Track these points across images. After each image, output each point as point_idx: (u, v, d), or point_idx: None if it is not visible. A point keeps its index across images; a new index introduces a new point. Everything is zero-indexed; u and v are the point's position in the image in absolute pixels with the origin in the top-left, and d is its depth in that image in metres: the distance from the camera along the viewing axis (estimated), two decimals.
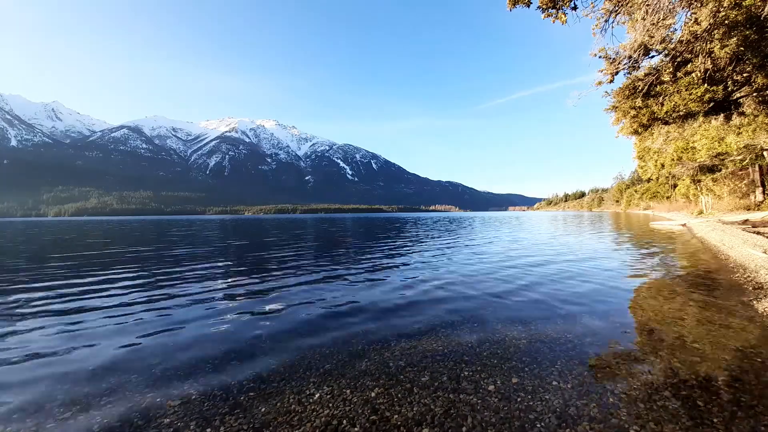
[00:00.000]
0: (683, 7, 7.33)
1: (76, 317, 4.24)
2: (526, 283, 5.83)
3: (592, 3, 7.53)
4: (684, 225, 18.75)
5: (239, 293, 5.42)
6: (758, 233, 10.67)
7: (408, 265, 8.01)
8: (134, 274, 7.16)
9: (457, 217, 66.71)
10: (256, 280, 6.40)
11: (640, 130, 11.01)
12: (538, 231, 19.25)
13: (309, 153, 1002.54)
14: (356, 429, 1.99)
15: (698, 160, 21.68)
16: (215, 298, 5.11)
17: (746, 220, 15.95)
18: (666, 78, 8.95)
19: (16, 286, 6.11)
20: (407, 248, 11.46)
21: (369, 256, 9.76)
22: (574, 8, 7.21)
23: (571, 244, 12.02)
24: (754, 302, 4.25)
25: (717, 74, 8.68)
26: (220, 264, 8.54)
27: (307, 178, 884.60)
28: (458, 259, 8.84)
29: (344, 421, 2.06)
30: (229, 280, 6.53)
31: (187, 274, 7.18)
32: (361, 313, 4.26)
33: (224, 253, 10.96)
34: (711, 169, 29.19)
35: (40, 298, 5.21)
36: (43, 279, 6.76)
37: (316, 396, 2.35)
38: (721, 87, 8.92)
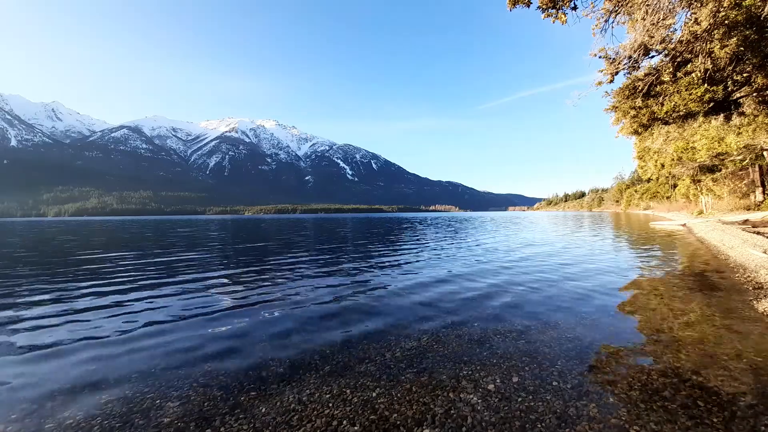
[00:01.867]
0: (683, 7, 7.32)
1: (77, 317, 4.24)
2: (524, 283, 5.83)
3: (592, 3, 7.53)
4: (684, 225, 18.75)
5: (240, 294, 5.42)
6: (758, 233, 10.67)
7: (408, 265, 8.01)
8: (134, 275, 7.17)
9: (464, 217, 66.07)
10: (257, 281, 6.40)
11: (640, 130, 11.01)
12: (539, 230, 19.25)
13: (309, 153, 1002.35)
14: (356, 429, 1.99)
15: (698, 160, 21.68)
16: (215, 299, 5.11)
17: (746, 220, 15.95)
18: (666, 78, 8.94)
19: (19, 286, 6.12)
20: (410, 248, 11.47)
21: (371, 257, 9.76)
22: (574, 8, 7.21)
23: (571, 243, 12.01)
24: (754, 302, 4.25)
25: (717, 74, 8.68)
26: (220, 264, 8.54)
27: (307, 178, 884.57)
28: (458, 258, 8.84)
29: (344, 422, 2.06)
30: (230, 280, 6.53)
31: (187, 274, 7.18)
32: (361, 313, 4.26)
33: (225, 253, 10.96)
34: (711, 169, 29.17)
35: (43, 299, 5.22)
36: (51, 279, 6.77)
37: (316, 396, 2.35)
38: (721, 87, 8.92)
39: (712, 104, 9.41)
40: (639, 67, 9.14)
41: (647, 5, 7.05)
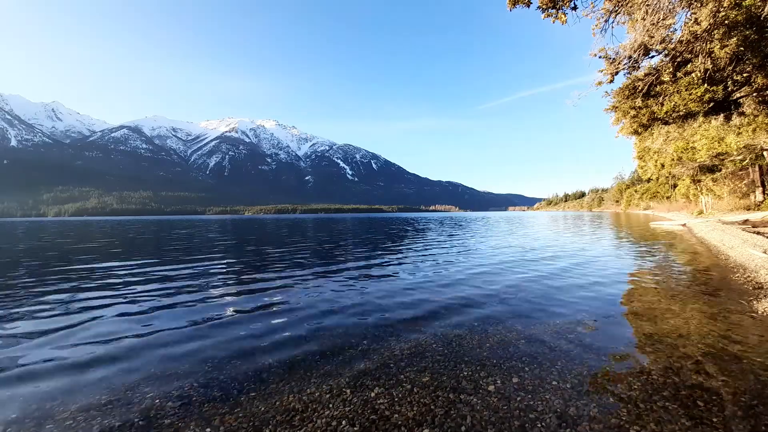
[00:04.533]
0: (683, 7, 7.33)
1: (77, 317, 4.24)
2: (524, 283, 5.83)
3: (592, 3, 7.54)
4: (684, 225, 18.75)
5: (239, 294, 5.42)
6: (758, 233, 10.67)
7: (409, 265, 8.01)
8: (133, 276, 7.17)
9: (472, 217, 65.01)
10: (257, 281, 6.40)
11: (640, 130, 11.02)
12: (538, 230, 19.26)
13: (309, 153, 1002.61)
14: (356, 429, 1.99)
15: (698, 160, 21.68)
16: (215, 299, 5.11)
17: (746, 220, 15.95)
18: (666, 78, 8.94)
19: (22, 286, 6.11)
20: (410, 249, 11.46)
21: (371, 256, 9.75)
22: (574, 8, 7.21)
23: (571, 243, 12.01)
24: (754, 302, 4.25)
25: (717, 74, 8.69)
26: (220, 263, 8.53)
27: (307, 178, 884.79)
28: (456, 258, 8.83)
29: (344, 422, 2.06)
30: (230, 279, 6.53)
31: (187, 273, 7.18)
32: (361, 313, 4.26)
33: (225, 251, 10.96)
34: (711, 169, 29.16)
35: (43, 298, 5.21)
36: (49, 279, 6.76)
37: (317, 396, 2.35)
38: (721, 87, 8.93)
39: (712, 104, 9.42)
40: (639, 67, 9.15)
41: (647, 5, 7.06)
